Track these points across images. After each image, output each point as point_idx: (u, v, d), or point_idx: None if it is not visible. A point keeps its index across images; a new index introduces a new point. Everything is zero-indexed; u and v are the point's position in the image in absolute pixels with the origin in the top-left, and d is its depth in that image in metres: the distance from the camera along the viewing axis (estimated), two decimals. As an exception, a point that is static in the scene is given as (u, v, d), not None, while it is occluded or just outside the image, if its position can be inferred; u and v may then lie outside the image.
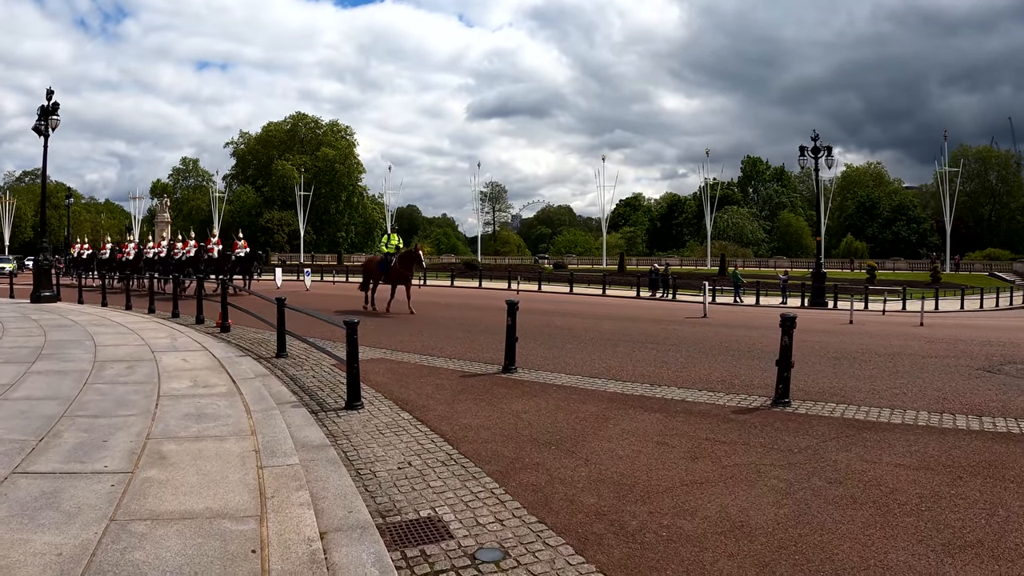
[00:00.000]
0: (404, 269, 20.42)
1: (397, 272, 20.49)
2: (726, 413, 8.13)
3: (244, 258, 29.35)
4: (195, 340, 12.45)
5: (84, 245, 40.67)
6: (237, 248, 30.04)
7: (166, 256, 31.21)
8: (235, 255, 29.41)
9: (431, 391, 8.97)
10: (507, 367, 10.29)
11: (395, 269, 20.50)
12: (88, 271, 35.58)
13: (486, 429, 7.18)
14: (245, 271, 28.82)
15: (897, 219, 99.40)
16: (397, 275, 20.55)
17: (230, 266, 28.61)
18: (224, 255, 29.40)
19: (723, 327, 17.51)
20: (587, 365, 11.13)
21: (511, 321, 10.16)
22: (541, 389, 9.23)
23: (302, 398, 8.39)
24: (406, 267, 20.44)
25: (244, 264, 29.08)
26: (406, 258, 20.53)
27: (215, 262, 28.93)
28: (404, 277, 20.55)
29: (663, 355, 12.43)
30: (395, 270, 20.52)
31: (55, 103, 24.05)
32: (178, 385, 8.34)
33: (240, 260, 29.23)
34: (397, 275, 20.55)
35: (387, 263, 20.78)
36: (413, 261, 20.34)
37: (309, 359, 11.23)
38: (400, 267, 20.42)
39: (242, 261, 29.21)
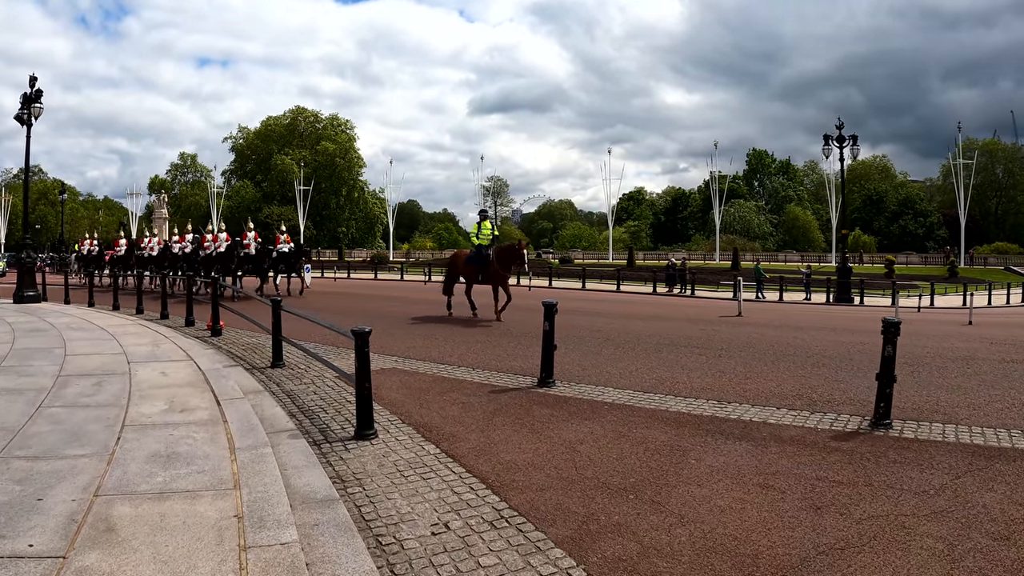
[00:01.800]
0: (503, 268, 16.66)
1: (495, 271, 16.65)
2: (823, 440, 6.65)
3: (288, 254, 25.14)
4: (180, 347, 10.90)
5: (92, 241, 36.90)
6: (280, 242, 25.64)
7: (191, 252, 26.84)
8: (277, 250, 25.06)
9: (457, 412, 7.42)
10: (544, 380, 8.76)
11: (494, 267, 16.61)
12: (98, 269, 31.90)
13: (537, 469, 5.64)
14: (290, 268, 25.23)
15: (904, 213, 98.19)
16: (495, 274, 16.68)
17: (271, 262, 24.68)
18: (264, 250, 24.74)
19: (765, 328, 15.96)
20: (634, 376, 9.60)
21: (548, 326, 8.61)
22: (590, 409, 7.69)
23: (301, 423, 6.84)
24: (505, 265, 16.65)
25: (288, 260, 25.07)
26: (506, 254, 16.63)
27: (252, 259, 24.48)
28: (502, 277, 16.76)
29: (716, 362, 10.89)
30: (494, 268, 16.64)
31: (38, 90, 22.45)
32: (149, 409, 6.78)
33: (284, 256, 25.01)
34: (495, 274, 16.68)
35: (483, 258, 16.77)
36: (514, 259, 16.52)
37: (310, 369, 9.70)
38: (500, 264, 16.56)
39: (286, 257, 25.05)
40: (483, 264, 16.67)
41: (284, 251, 24.99)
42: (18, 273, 21.81)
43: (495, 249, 16.79)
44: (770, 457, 6.10)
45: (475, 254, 17.00)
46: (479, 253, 16.84)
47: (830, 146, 31.85)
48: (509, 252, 16.52)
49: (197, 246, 26.71)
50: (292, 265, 25.16)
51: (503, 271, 16.60)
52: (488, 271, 16.63)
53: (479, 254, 16.82)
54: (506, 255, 16.50)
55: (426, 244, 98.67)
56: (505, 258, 16.48)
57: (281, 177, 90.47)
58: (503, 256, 16.52)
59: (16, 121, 22.27)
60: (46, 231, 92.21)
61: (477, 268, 16.88)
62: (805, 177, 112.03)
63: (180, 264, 27.06)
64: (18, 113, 22.15)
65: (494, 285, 16.64)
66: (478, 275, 16.96)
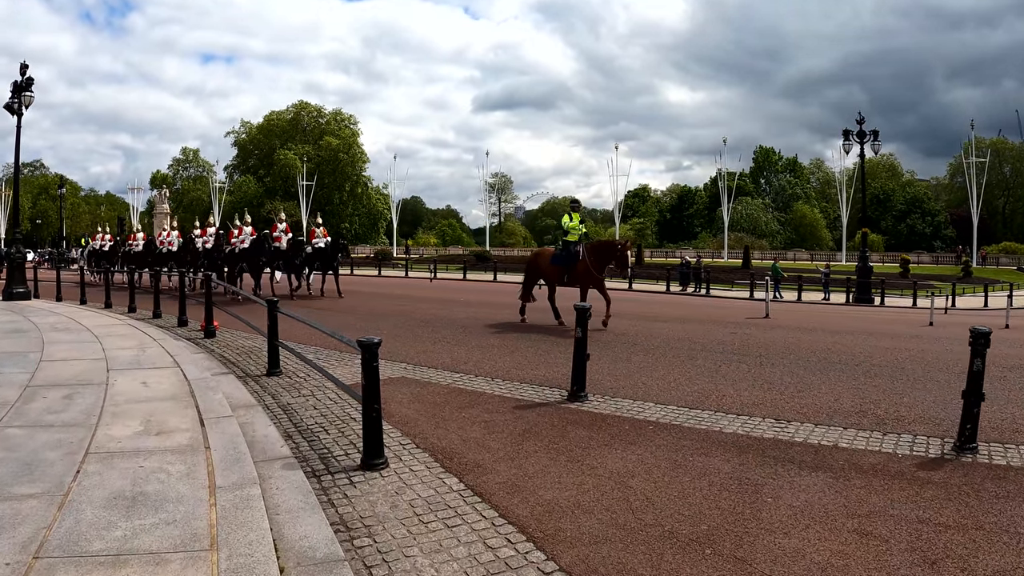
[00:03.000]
0: (598, 268, 14.27)
1: (587, 271, 14.30)
2: (908, 469, 5.68)
3: (325, 249, 22.54)
4: (167, 351, 9.89)
5: (105, 236, 34.33)
6: (315, 237, 23.13)
7: (213, 247, 24.14)
8: (312, 245, 22.61)
9: (480, 434, 6.40)
10: (575, 394, 7.74)
11: (584, 265, 14.27)
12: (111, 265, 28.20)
13: (586, 512, 4.63)
14: (327, 265, 22.65)
15: (912, 212, 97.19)
16: (586, 275, 14.33)
17: (304, 259, 22.00)
18: (297, 244, 21.88)
19: (799, 331, 14.91)
20: (674, 388, 8.59)
21: (581, 333, 7.57)
22: (634, 430, 6.67)
23: (298, 447, 5.84)
24: (600, 266, 14.29)
25: (324, 257, 22.52)
26: (603, 252, 14.34)
27: (282, 254, 21.68)
28: (594, 280, 14.29)
29: (759, 371, 9.87)
30: (583, 267, 14.29)
31: (29, 78, 21.50)
32: (121, 431, 5.76)
33: (320, 252, 22.47)
34: (586, 275, 14.33)
35: (572, 256, 14.37)
36: (612, 259, 14.21)
37: (310, 377, 8.70)
38: (594, 264, 14.22)
39: (322, 253, 22.47)
40: (571, 263, 14.39)
41: (320, 246, 22.60)
42: (7, 269, 20.80)
43: (587, 246, 14.56)
44: (856, 493, 5.12)
45: (562, 252, 14.62)
46: (567, 251, 14.48)
47: (851, 141, 30.70)
48: (606, 250, 14.42)
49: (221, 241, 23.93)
50: (329, 262, 22.64)
51: (597, 272, 14.28)
52: (577, 271, 14.37)
53: (567, 252, 14.47)
54: (603, 253, 14.35)
55: (430, 240, 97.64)
56: (601, 256, 14.28)
57: (284, 172, 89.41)
58: (599, 254, 14.31)
59: (7, 110, 21.30)
60: (47, 226, 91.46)
61: (564, 268, 14.58)
62: (811, 175, 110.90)
63: (201, 260, 24.58)
64: (8, 102, 21.17)
65: (583, 288, 14.34)
66: (564, 276, 14.70)
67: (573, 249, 14.38)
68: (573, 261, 14.29)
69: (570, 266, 14.35)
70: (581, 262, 14.17)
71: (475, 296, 24.46)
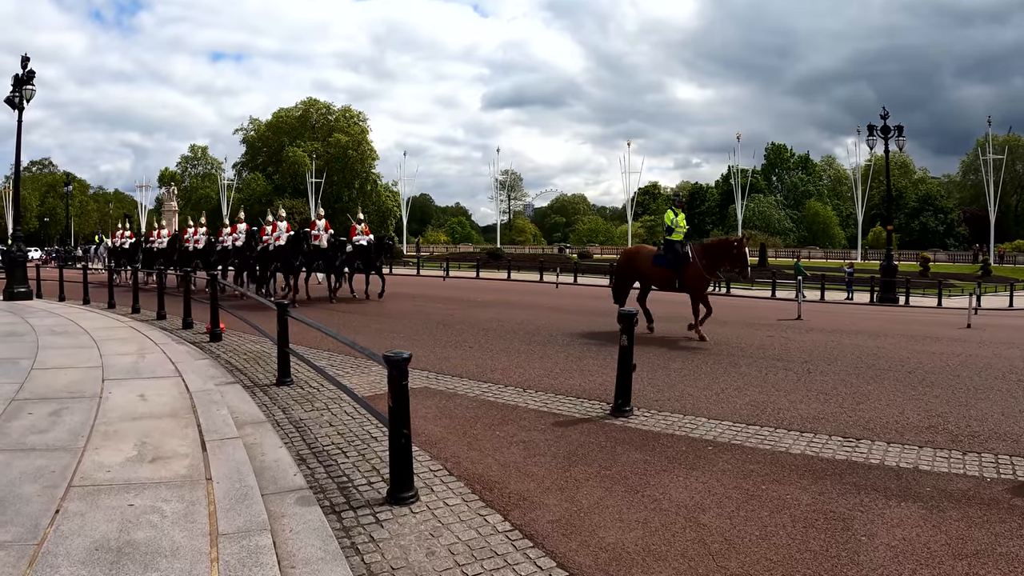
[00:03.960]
0: (709, 270, 12.96)
1: (698, 274, 12.78)
2: (1002, 496, 4.99)
3: (367, 248, 20.70)
4: (169, 358, 9.15)
5: (126, 233, 32.08)
6: (355, 234, 21.07)
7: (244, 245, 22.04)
8: (353, 243, 20.67)
9: (520, 457, 5.64)
10: (620, 408, 6.97)
11: (695, 268, 12.73)
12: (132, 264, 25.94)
13: (660, 560, 3.89)
14: (369, 265, 20.90)
15: (924, 209, 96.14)
16: (698, 279, 12.80)
17: (345, 258, 20.31)
18: (337, 243, 20.11)
19: (837, 334, 14.05)
20: (723, 399, 7.82)
21: (627, 341, 6.79)
22: (691, 451, 5.90)
23: (314, 474, 5.09)
24: (713, 267, 13.02)
25: (366, 255, 20.70)
26: (718, 252, 12.87)
27: (321, 253, 19.81)
28: (704, 282, 12.98)
29: (809, 380, 9.08)
30: (695, 270, 12.75)
31: (31, 71, 20.81)
32: (111, 456, 5.02)
33: (361, 250, 20.64)
34: (698, 279, 12.80)
35: (680, 257, 12.80)
36: (728, 259, 12.74)
37: (323, 388, 7.93)
38: (704, 266, 12.75)
39: (363, 252, 20.66)
40: (678, 265, 12.79)
41: (362, 244, 20.70)
42: (8, 268, 20.13)
43: (699, 245, 13.15)
44: (955, 527, 4.42)
45: (667, 252, 13.03)
46: (673, 251, 12.90)
47: (875, 136, 29.82)
48: (722, 250, 12.86)
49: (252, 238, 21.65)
50: (372, 261, 20.90)
51: (708, 274, 12.96)
52: (688, 275, 12.75)
53: (673, 252, 12.89)
54: (716, 253, 12.86)
55: (440, 238, 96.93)
56: (715, 257, 12.85)
57: (293, 169, 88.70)
58: (711, 255, 12.86)
59: (7, 104, 20.65)
60: (55, 224, 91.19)
61: (671, 271, 12.92)
62: (823, 172, 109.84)
63: (231, 260, 22.95)
64: (9, 96, 20.52)
65: (697, 293, 12.75)
66: (672, 280, 12.97)
67: (681, 250, 12.86)
68: (682, 263, 12.77)
69: (679, 269, 12.81)
70: (692, 264, 12.69)
71: (492, 296, 23.65)
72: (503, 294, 24.54)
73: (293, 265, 19.35)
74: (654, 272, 13.28)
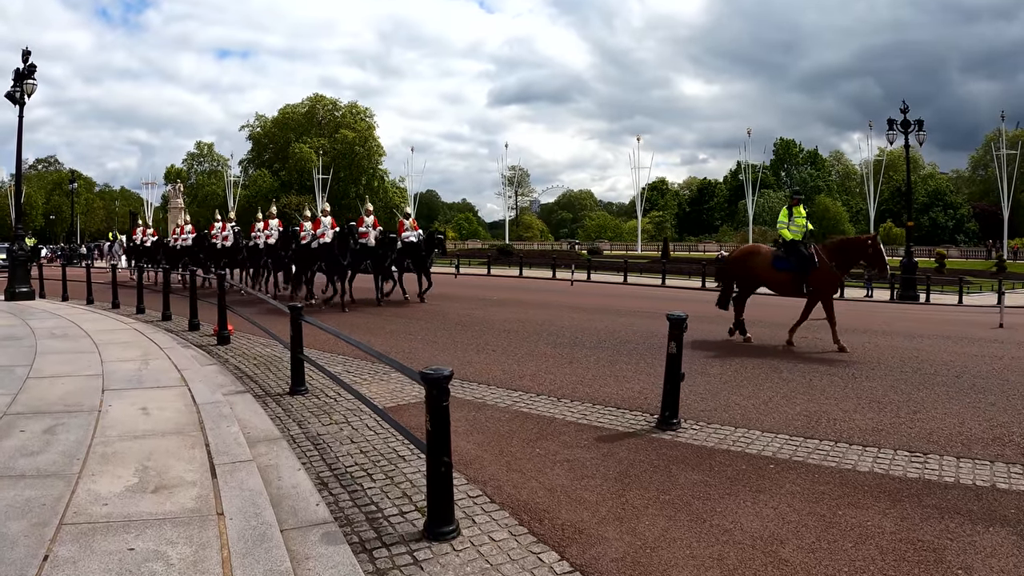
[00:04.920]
0: (839, 272, 11.71)
1: (827, 277, 11.50)
2: None
3: (417, 244, 18.80)
4: (175, 364, 8.58)
5: (148, 230, 29.91)
6: (404, 230, 19.08)
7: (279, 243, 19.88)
8: (402, 239, 18.67)
9: (567, 480, 5.05)
10: (667, 420, 6.38)
11: (824, 270, 11.40)
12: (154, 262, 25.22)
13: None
14: (419, 265, 18.79)
15: (934, 205, 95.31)
16: (828, 282, 11.57)
17: (395, 257, 18.33)
18: (387, 239, 17.92)
19: (871, 334, 13.32)
20: (772, 409, 7.24)
21: (676, 348, 6.19)
22: (752, 471, 5.33)
23: (338, 501, 4.52)
24: (841, 269, 11.67)
25: (416, 254, 18.78)
26: (849, 252, 11.59)
27: (369, 251, 17.46)
28: (833, 285, 11.84)
29: (856, 385, 8.52)
30: (823, 273, 11.43)
31: (32, 65, 20.27)
32: (109, 485, 4.44)
33: (411, 249, 18.78)
34: (828, 282, 11.57)
35: (805, 259, 11.47)
36: (860, 258, 11.54)
37: (341, 398, 7.35)
38: (834, 268, 11.47)
39: (413, 249, 18.78)
40: (803, 268, 11.49)
41: (411, 241, 18.78)
42: (10, 267, 19.58)
43: (828, 246, 11.83)
44: None
45: (790, 254, 11.70)
46: (797, 252, 11.58)
47: (895, 130, 29.20)
48: (855, 249, 11.53)
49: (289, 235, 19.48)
50: (423, 260, 18.85)
51: (836, 275, 11.66)
52: (813, 277, 11.47)
53: (797, 254, 11.57)
54: (850, 253, 11.55)
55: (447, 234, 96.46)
56: (847, 257, 11.56)
57: (299, 166, 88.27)
58: (844, 255, 11.54)
59: (8, 99, 20.12)
60: (60, 222, 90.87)
61: (795, 274, 11.62)
62: (832, 168, 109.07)
63: (264, 259, 20.84)
64: (10, 90, 19.99)
65: (825, 298, 11.50)
66: (798, 284, 11.67)
67: (806, 251, 11.53)
68: (808, 266, 11.45)
69: (804, 272, 11.50)
70: (821, 266, 11.37)
71: (506, 293, 23.00)
72: (517, 292, 23.92)
73: (341, 265, 16.92)
74: (773, 276, 11.96)
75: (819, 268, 11.36)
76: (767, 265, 11.99)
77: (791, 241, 11.79)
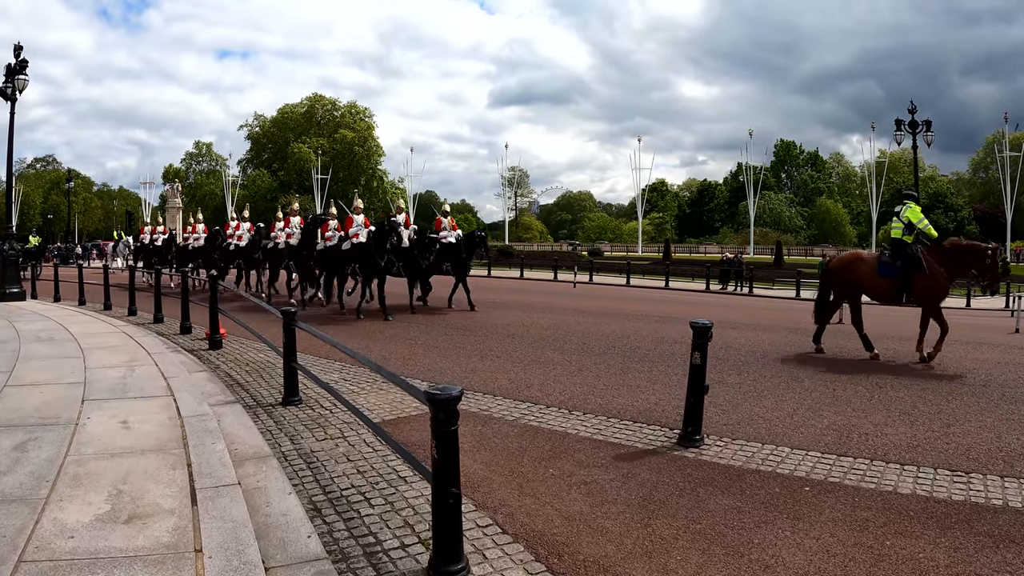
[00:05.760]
0: (948, 279, 10.53)
1: (934, 284, 10.40)
2: None
3: (456, 245, 17.01)
4: (162, 371, 8.10)
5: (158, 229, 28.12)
6: (441, 228, 17.58)
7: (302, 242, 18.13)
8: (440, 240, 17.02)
9: (585, 506, 4.59)
10: (689, 436, 5.92)
11: (931, 276, 10.32)
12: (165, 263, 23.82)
13: None
14: (459, 267, 17.05)
15: (935, 207, 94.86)
16: (936, 289, 10.46)
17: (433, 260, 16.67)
18: (427, 240, 16.52)
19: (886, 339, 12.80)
20: (799, 423, 6.79)
21: (700, 359, 5.73)
22: (787, 494, 4.90)
23: (332, 532, 4.06)
24: (951, 276, 10.54)
25: (455, 256, 16.98)
26: (960, 257, 10.47)
27: (406, 253, 15.77)
28: (940, 293, 10.60)
29: (881, 395, 8.11)
30: (930, 277, 10.33)
31: (23, 60, 19.81)
32: (77, 512, 3.97)
33: (449, 250, 16.98)
34: (936, 289, 10.46)
35: (913, 263, 10.42)
36: (973, 266, 10.45)
37: (336, 410, 6.88)
38: (943, 274, 10.37)
39: (452, 251, 16.99)
40: (908, 272, 10.44)
41: (450, 242, 17.01)
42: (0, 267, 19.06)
43: (937, 250, 10.50)
44: None
45: (895, 257, 10.67)
46: (904, 254, 10.55)
47: (902, 131, 28.78)
48: (971, 256, 10.42)
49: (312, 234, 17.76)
50: (463, 263, 17.09)
51: (943, 282, 10.47)
52: (918, 283, 10.40)
53: (904, 257, 10.54)
54: (963, 260, 10.43)
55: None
56: (960, 264, 10.44)
57: (298, 166, 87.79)
58: (956, 261, 10.40)
59: (-1, 96, 19.65)
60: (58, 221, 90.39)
61: (897, 280, 10.59)
62: (832, 170, 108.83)
63: (285, 260, 19.16)
64: (1, 86, 19.52)
65: (930, 307, 10.48)
66: (898, 290, 10.58)
67: (912, 254, 10.46)
68: (913, 270, 10.40)
69: (908, 277, 10.45)
70: (927, 271, 10.29)
71: (508, 296, 22.49)
72: (520, 294, 23.44)
73: (379, 266, 15.29)
74: (877, 284, 10.84)
75: (925, 273, 10.32)
76: (872, 273, 10.94)
77: (900, 241, 10.73)
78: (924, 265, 10.30)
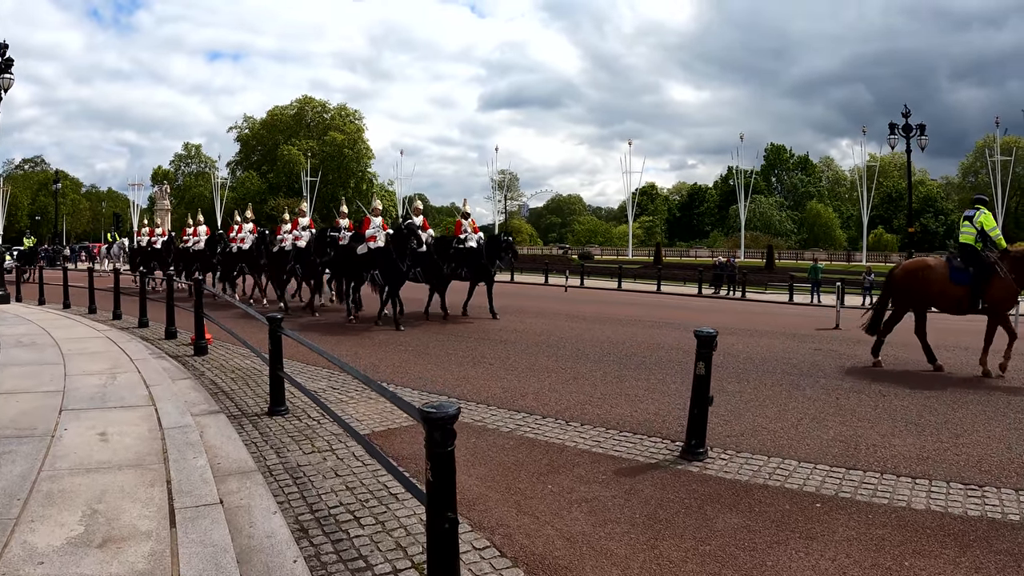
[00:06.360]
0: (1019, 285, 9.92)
1: (1006, 290, 9.86)
2: None
3: (476, 250, 15.77)
4: (144, 378, 7.83)
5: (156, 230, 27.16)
6: (461, 230, 16.23)
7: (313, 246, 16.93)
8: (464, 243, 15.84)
9: (587, 525, 4.36)
10: (692, 449, 5.70)
11: (1004, 281, 9.80)
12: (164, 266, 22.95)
13: None
14: (480, 274, 16.12)
15: (925, 211, 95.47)
16: (1004, 290, 9.86)
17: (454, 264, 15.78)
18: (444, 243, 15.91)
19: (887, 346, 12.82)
20: (804, 434, 6.59)
21: (704, 369, 5.52)
22: (798, 512, 4.69)
23: (320, 558, 3.84)
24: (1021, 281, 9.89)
25: (476, 260, 15.80)
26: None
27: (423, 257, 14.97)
28: (1011, 300, 10.11)
29: (886, 404, 7.92)
30: (1003, 283, 9.82)
31: (9, 59, 19.51)
32: (48, 535, 3.72)
33: (470, 255, 15.78)
34: (1004, 290, 9.86)
35: (983, 269, 9.93)
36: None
37: (324, 420, 6.62)
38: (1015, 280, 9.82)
39: (472, 256, 15.80)
40: (980, 279, 9.92)
41: (471, 246, 15.85)
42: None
43: (1010, 255, 9.94)
44: None
45: (968, 263, 10.10)
46: (978, 261, 9.97)
47: (896, 135, 28.73)
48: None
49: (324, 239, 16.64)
50: (485, 268, 15.98)
51: (1015, 288, 9.89)
52: (991, 290, 9.89)
53: (978, 263, 9.97)
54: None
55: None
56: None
57: (288, 168, 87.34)
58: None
59: (-14, 96, 19.34)
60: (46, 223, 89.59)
61: (972, 286, 10.01)
62: (822, 174, 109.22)
63: (292, 265, 17.85)
64: (-16, 85, 19.21)
65: (996, 312, 9.97)
66: (967, 298, 10.09)
67: (987, 260, 9.91)
68: (985, 277, 9.89)
69: (980, 284, 9.93)
70: (1001, 277, 9.78)
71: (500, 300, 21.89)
72: (511, 298, 23.17)
73: (400, 272, 14.39)
74: (949, 291, 10.26)
75: (999, 279, 9.83)
76: (943, 280, 10.33)
77: (968, 247, 10.22)
78: (999, 271, 9.81)
